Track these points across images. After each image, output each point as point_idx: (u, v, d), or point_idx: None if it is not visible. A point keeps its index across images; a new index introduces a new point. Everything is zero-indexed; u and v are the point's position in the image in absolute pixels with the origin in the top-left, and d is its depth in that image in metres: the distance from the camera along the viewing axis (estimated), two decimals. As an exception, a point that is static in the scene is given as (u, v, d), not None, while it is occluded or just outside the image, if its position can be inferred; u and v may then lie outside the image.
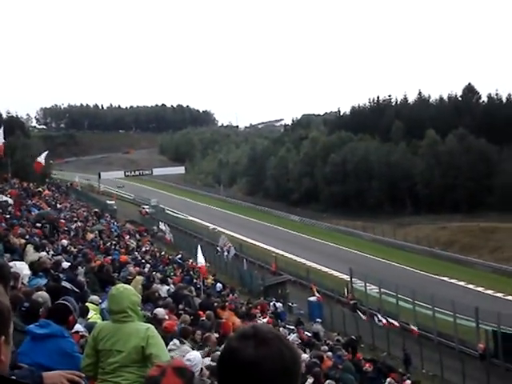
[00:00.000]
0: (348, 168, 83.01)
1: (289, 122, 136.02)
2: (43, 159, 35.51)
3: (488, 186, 70.64)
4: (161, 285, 16.60)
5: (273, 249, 54.86)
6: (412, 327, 31.15)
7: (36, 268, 9.77)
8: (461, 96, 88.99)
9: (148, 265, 23.55)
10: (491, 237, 55.81)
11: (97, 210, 44.81)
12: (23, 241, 13.74)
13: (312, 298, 36.31)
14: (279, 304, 31.91)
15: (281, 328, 20.50)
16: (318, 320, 28.70)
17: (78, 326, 6.22)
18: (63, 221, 24.96)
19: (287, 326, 23.73)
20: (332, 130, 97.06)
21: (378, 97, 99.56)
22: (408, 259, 52.30)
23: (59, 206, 35.30)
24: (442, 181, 73.81)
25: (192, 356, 6.97)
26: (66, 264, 12.42)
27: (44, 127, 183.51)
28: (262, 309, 24.75)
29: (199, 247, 26.33)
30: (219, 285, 30.44)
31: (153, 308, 11.14)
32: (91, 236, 24.87)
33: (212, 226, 65.54)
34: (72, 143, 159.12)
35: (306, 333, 23.71)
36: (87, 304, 8.66)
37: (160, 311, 10.27)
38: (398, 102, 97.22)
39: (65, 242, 17.57)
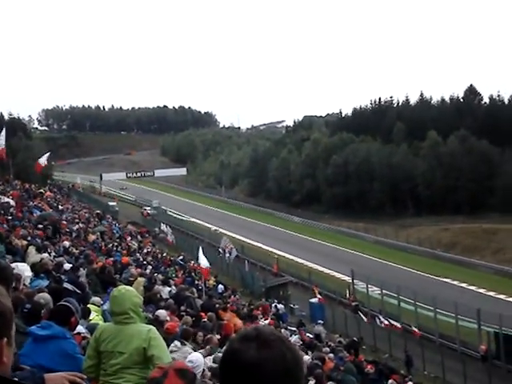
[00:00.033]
0: (350, 169, 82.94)
1: (290, 124, 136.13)
2: (45, 160, 35.60)
3: (490, 188, 70.62)
4: (162, 286, 16.62)
5: (274, 250, 54.79)
6: (414, 329, 31.11)
7: (38, 269, 9.78)
8: (463, 97, 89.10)
9: (150, 266, 23.58)
10: (493, 238, 55.74)
11: (98, 212, 44.82)
12: (25, 242, 13.72)
13: (314, 300, 36.26)
14: (281, 305, 31.92)
15: (282, 329, 20.48)
16: (320, 321, 28.72)
17: (80, 328, 6.22)
18: (65, 222, 24.97)
19: (289, 328, 23.73)
20: (334, 132, 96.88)
21: (380, 98, 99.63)
22: (410, 261, 52.23)
23: (61, 208, 35.29)
24: (444, 182, 73.75)
25: (194, 357, 6.97)
26: (68, 265, 12.42)
27: (46, 129, 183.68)
28: (264, 310, 24.73)
29: (200, 248, 26.31)
30: (221, 286, 30.48)
31: (154, 309, 11.15)
32: (93, 237, 24.88)
33: (213, 228, 65.50)
34: (74, 145, 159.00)
35: (308, 334, 23.73)
36: (89, 305, 8.67)
37: (162, 313, 10.27)
38: (400, 104, 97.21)
39: (66, 244, 17.57)
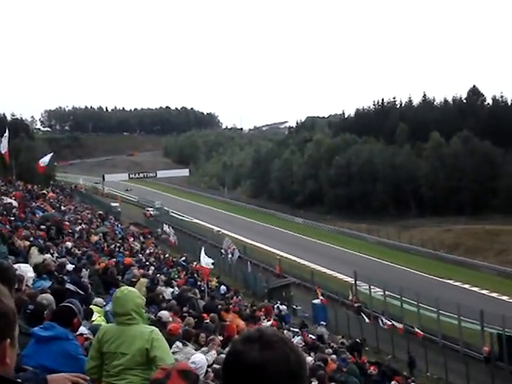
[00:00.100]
0: (352, 170, 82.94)
1: (293, 125, 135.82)
2: (47, 161, 35.62)
3: (492, 189, 70.60)
4: (165, 287, 16.64)
5: (277, 251, 54.79)
6: (417, 330, 31.05)
7: (40, 270, 9.79)
8: (465, 98, 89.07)
9: (152, 267, 23.57)
10: (496, 239, 55.69)
11: (101, 213, 44.87)
12: (27, 243, 13.74)
13: (316, 301, 36.22)
14: (283, 307, 31.89)
15: (285, 331, 20.47)
16: (323, 323, 28.67)
17: (83, 329, 6.22)
18: (67, 223, 24.99)
19: (291, 329, 23.70)
20: (336, 133, 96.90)
21: (383, 99, 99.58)
22: (413, 262, 52.18)
23: (63, 209, 35.36)
24: (447, 183, 73.72)
25: (197, 359, 6.96)
26: (71, 266, 12.44)
27: (48, 129, 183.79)
28: (267, 311, 24.71)
29: (203, 249, 26.28)
30: (223, 287, 30.42)
31: (157, 310, 11.16)
32: (95, 238, 24.91)
33: (216, 229, 65.50)
34: (76, 145, 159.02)
35: (311, 336, 23.69)
36: (91, 306, 8.67)
37: (164, 314, 10.26)
38: (403, 105, 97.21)
39: (69, 245, 17.60)
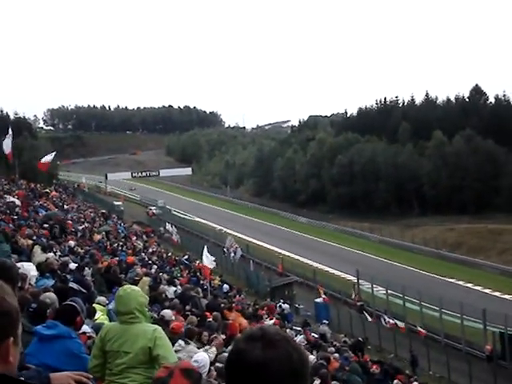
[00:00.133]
0: (355, 169, 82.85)
1: (296, 123, 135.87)
2: (49, 159, 35.67)
3: (495, 188, 70.47)
4: (168, 286, 16.63)
5: (279, 250, 54.80)
6: (419, 329, 31.03)
7: (43, 269, 9.80)
8: (468, 97, 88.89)
9: (155, 266, 23.58)
10: (499, 238, 55.58)
11: (104, 211, 44.92)
12: (30, 242, 13.75)
13: (319, 300, 36.24)
14: (286, 305, 31.84)
15: (287, 329, 20.42)
16: (325, 321, 28.63)
17: (86, 327, 6.23)
18: (70, 222, 25.00)
19: (294, 328, 23.65)
20: (339, 132, 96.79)
21: (385, 98, 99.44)
22: (415, 261, 52.14)
23: (66, 207, 35.39)
24: (449, 182, 73.59)
25: (200, 357, 6.96)
26: (73, 265, 12.45)
27: (51, 128, 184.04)
28: (269, 310, 24.69)
29: (205, 248, 26.27)
30: (226, 286, 30.45)
31: (160, 309, 11.16)
32: (98, 237, 24.91)
33: (218, 227, 65.52)
34: (79, 144, 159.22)
35: (313, 334, 23.64)
36: (94, 305, 8.69)
37: (167, 312, 10.27)
38: (405, 104, 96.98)
39: (72, 243, 17.60)
